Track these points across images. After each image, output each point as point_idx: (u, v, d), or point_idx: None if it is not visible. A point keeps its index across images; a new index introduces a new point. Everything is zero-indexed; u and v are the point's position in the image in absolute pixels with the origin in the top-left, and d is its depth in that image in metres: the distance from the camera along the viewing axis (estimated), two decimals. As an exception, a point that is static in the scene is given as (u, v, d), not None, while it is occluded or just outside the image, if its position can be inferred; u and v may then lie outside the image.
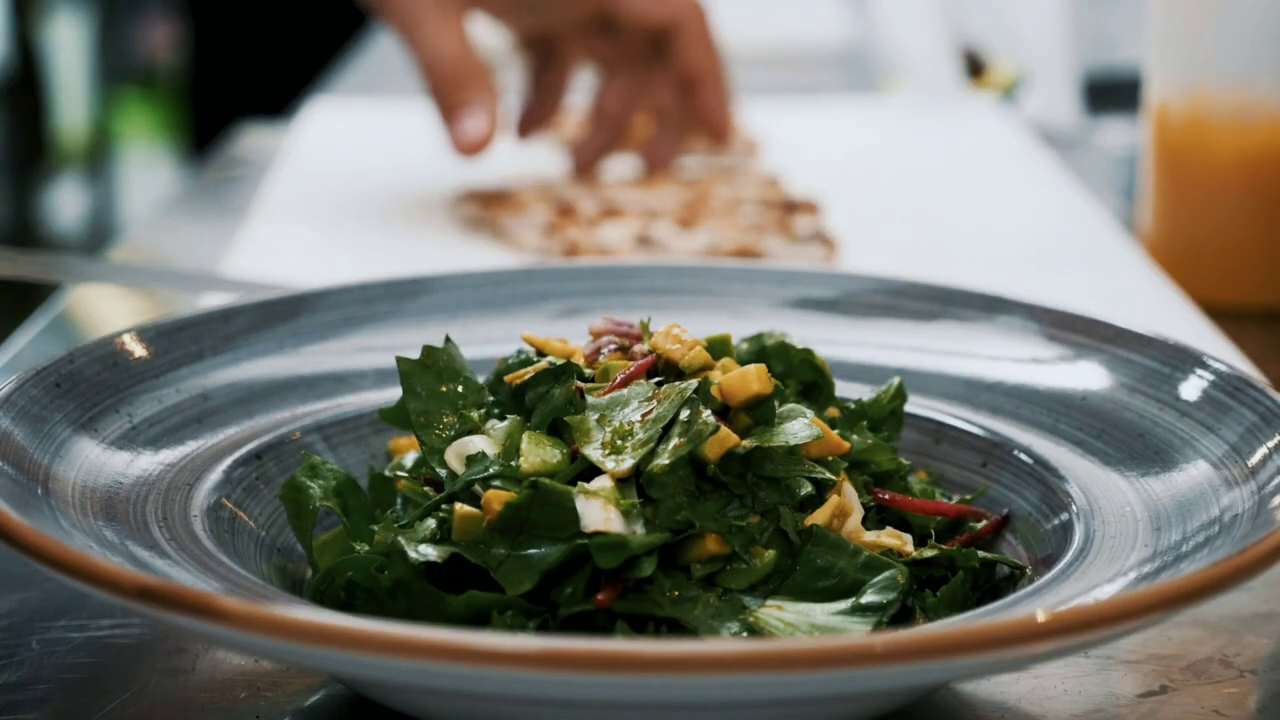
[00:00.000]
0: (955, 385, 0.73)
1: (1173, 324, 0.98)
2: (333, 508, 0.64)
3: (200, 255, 1.20)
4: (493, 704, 0.51)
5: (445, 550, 0.59)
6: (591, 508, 0.58)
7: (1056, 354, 0.72)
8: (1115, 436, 0.67)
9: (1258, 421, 0.63)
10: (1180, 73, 1.08)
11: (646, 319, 0.68)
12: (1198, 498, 0.61)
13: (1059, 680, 0.62)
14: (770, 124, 1.49)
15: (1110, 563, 0.59)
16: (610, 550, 0.57)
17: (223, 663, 0.62)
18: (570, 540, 0.58)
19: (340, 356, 0.74)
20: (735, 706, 0.51)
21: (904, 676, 0.49)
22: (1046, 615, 0.49)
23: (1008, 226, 1.22)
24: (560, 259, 1.06)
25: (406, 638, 0.46)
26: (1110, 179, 1.44)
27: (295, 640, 0.48)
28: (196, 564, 0.57)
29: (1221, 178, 1.07)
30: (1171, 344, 0.69)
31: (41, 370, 0.64)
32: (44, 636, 0.65)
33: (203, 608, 0.49)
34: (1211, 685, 0.62)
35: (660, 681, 0.47)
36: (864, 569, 0.59)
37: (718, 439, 0.60)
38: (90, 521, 0.58)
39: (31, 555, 0.52)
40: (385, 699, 0.56)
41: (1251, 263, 1.08)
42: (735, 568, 0.59)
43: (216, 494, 0.64)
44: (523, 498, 0.59)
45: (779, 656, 0.47)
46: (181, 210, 1.42)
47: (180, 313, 0.72)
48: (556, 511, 0.58)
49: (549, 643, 0.47)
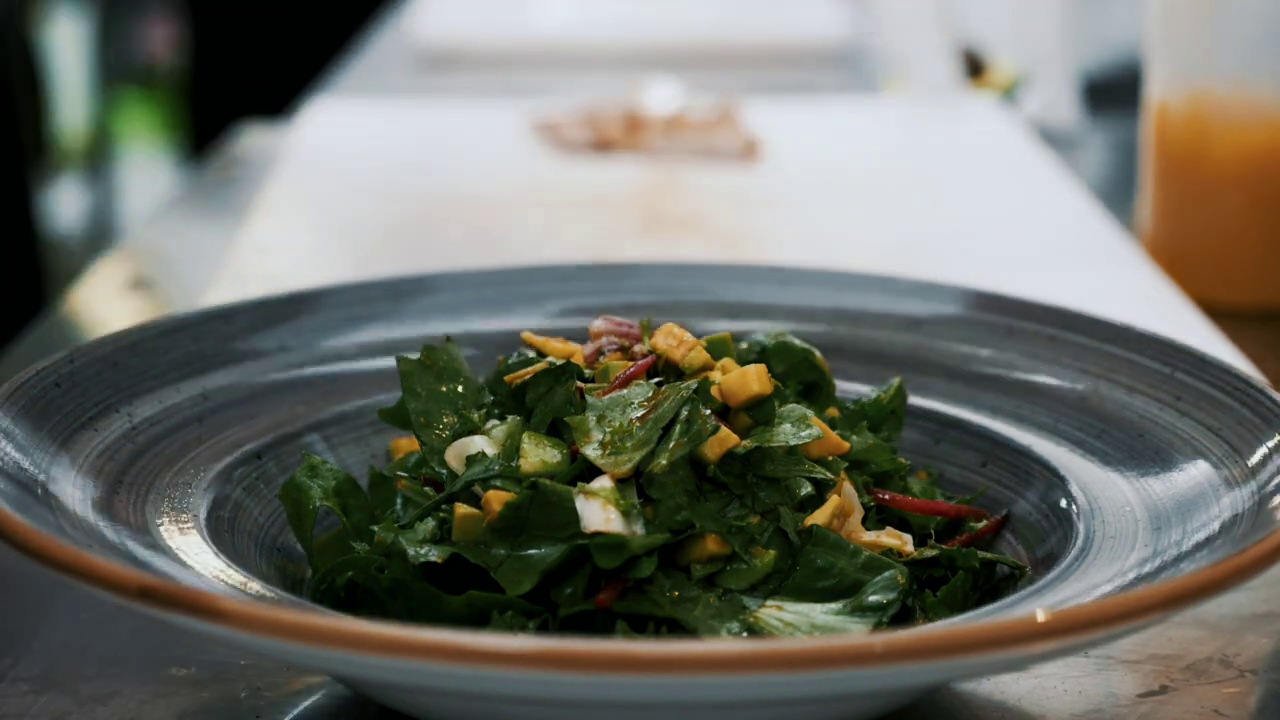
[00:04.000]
0: (955, 385, 0.73)
1: (1173, 324, 0.98)
2: (332, 508, 0.64)
3: (200, 255, 1.20)
4: (493, 704, 0.51)
5: (445, 550, 0.59)
6: (591, 508, 0.58)
7: (1056, 354, 0.72)
8: (1115, 436, 0.67)
9: (1258, 421, 0.63)
10: (1180, 73, 1.08)
11: (646, 319, 0.68)
12: (1198, 498, 0.61)
13: (1059, 680, 0.62)
14: (770, 124, 1.49)
15: (1110, 563, 0.59)
16: (610, 550, 0.57)
17: (223, 663, 0.62)
18: (570, 540, 0.58)
19: (340, 356, 0.74)
20: (735, 706, 0.51)
21: (904, 676, 0.49)
22: (1046, 615, 0.49)
23: (1007, 226, 1.22)
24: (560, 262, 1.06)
25: (406, 638, 0.46)
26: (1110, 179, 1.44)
27: (295, 640, 0.48)
28: (196, 564, 0.57)
29: (1221, 178, 1.07)
30: (1171, 344, 0.69)
31: (41, 370, 0.64)
32: (44, 636, 0.65)
33: (203, 608, 0.49)
34: (1211, 685, 0.62)
35: (660, 681, 0.47)
36: (864, 569, 0.59)
37: (718, 439, 0.60)
38: (90, 521, 0.58)
39: (31, 555, 0.52)
40: (385, 699, 0.56)
41: (1251, 262, 1.08)
42: (735, 568, 0.59)
43: (216, 494, 0.64)
44: (522, 498, 0.59)
45: (779, 656, 0.47)
46: (181, 210, 1.42)
47: (180, 312, 0.72)
48: (557, 512, 0.58)
49: (549, 643, 0.47)
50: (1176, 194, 1.10)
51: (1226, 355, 0.93)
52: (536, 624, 0.58)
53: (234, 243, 1.18)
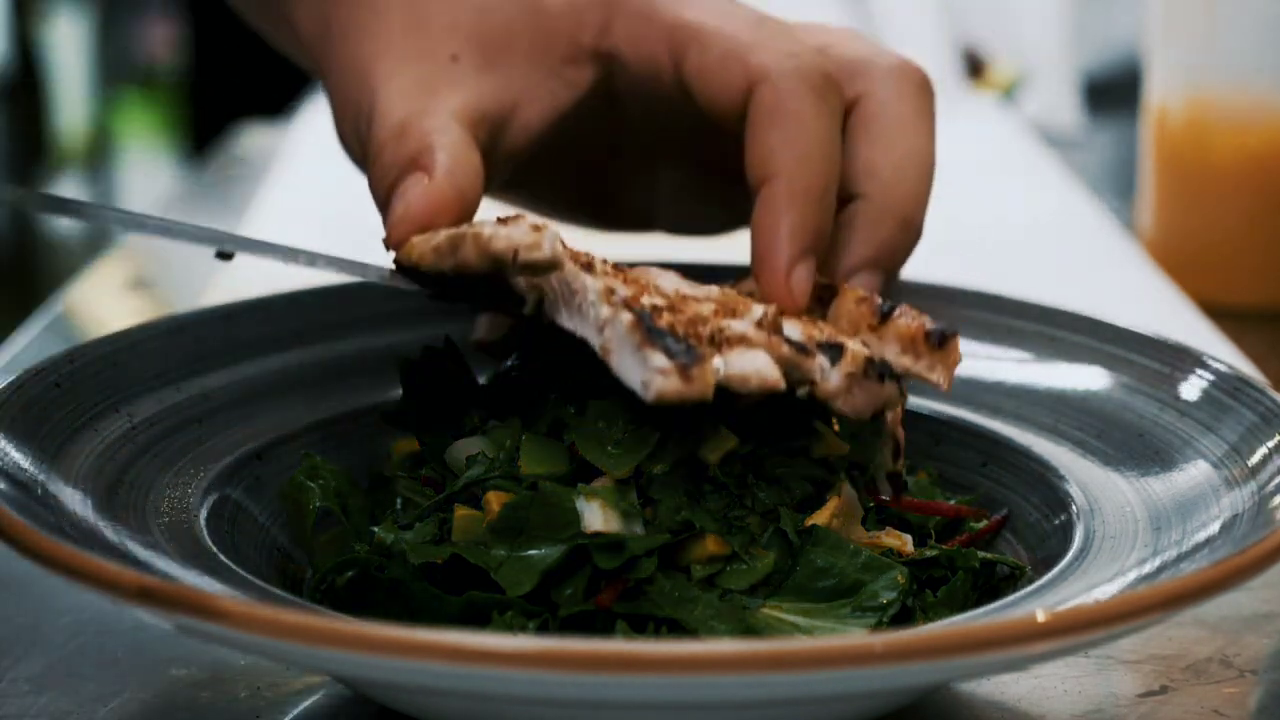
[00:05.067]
0: (956, 385, 0.73)
1: (1173, 324, 0.98)
2: (332, 508, 0.64)
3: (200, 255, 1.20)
4: (493, 704, 0.51)
5: (445, 551, 0.59)
6: (591, 509, 0.58)
7: (1056, 354, 0.72)
8: (1115, 436, 0.67)
9: (1258, 421, 0.63)
10: (1180, 73, 1.08)
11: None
12: (1198, 498, 0.61)
13: (1059, 680, 0.62)
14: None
15: (1110, 563, 0.59)
16: (610, 551, 0.57)
17: (223, 663, 0.62)
18: (570, 541, 0.58)
19: (340, 356, 0.74)
20: (735, 706, 0.51)
21: (904, 676, 0.49)
22: (1046, 615, 0.49)
23: (1007, 226, 1.22)
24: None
25: (406, 638, 0.46)
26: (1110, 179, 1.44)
27: (295, 640, 0.48)
28: (196, 564, 0.57)
29: (1221, 178, 1.07)
30: (1171, 344, 0.69)
31: (41, 370, 0.64)
32: (44, 637, 0.65)
33: (203, 608, 0.49)
34: (1211, 685, 0.62)
35: (660, 681, 0.47)
36: (864, 569, 0.59)
37: (717, 440, 0.60)
38: (90, 521, 0.58)
39: (31, 555, 0.52)
40: (385, 699, 0.56)
41: (1251, 263, 1.08)
42: (735, 568, 0.59)
43: (216, 494, 0.64)
44: (522, 498, 0.59)
45: (779, 656, 0.47)
46: (181, 210, 1.42)
47: (180, 312, 0.72)
48: (557, 512, 0.58)
49: (549, 643, 0.46)
50: (1176, 194, 1.10)
51: (1227, 356, 0.93)
52: (536, 624, 0.58)
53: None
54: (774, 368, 0.57)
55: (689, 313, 0.59)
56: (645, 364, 0.54)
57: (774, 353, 0.58)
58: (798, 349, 0.59)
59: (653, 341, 0.54)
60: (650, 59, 0.69)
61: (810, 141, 0.65)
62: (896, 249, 0.68)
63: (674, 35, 0.68)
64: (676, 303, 0.60)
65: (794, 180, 0.65)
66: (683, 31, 0.68)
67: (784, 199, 0.65)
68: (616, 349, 0.55)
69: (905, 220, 0.68)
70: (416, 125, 0.66)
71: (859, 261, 0.68)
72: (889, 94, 0.69)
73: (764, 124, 0.66)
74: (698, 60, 0.67)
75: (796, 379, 0.58)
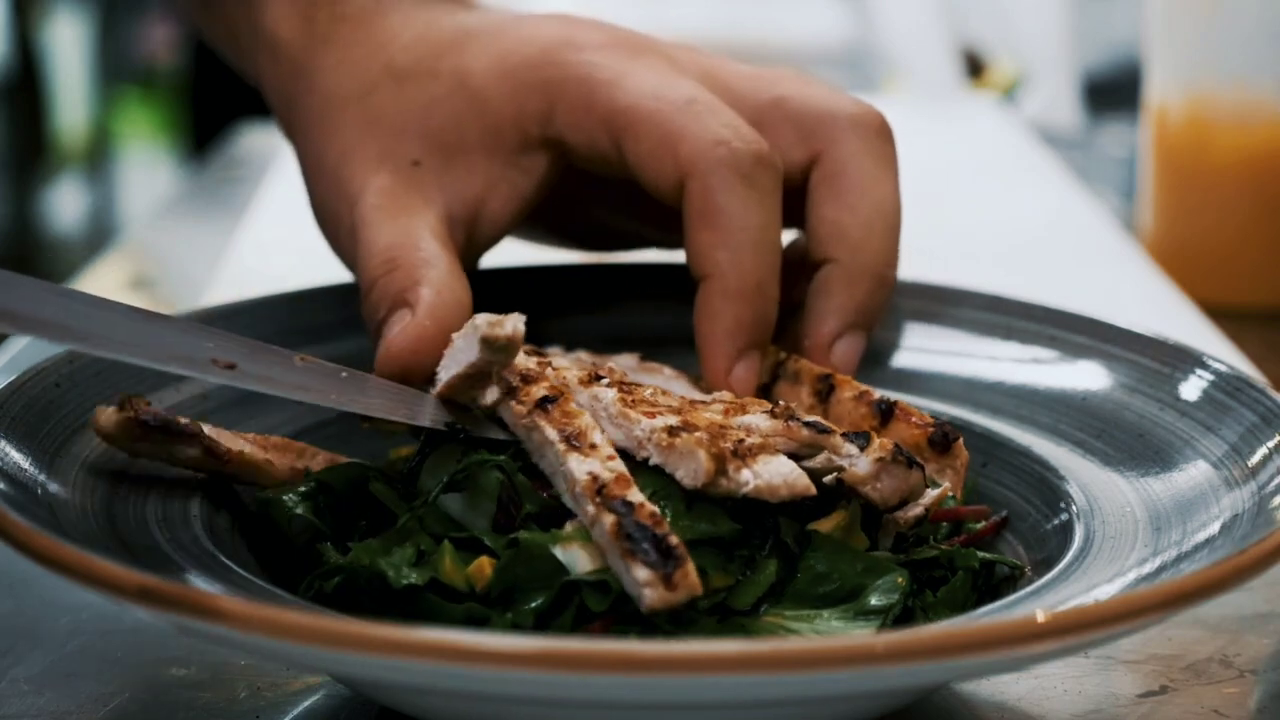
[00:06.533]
0: (955, 385, 0.73)
1: (1173, 324, 0.98)
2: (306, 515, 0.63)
3: (200, 255, 1.21)
4: (493, 704, 0.51)
5: (425, 574, 0.58)
6: (572, 554, 0.57)
7: (1056, 354, 0.72)
8: (1115, 436, 0.67)
9: (1258, 421, 0.63)
10: (1180, 73, 1.08)
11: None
12: (1198, 498, 0.61)
13: (1059, 680, 0.62)
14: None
15: (1110, 563, 0.59)
16: (599, 591, 0.56)
17: (223, 663, 0.62)
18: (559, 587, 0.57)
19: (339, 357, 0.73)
20: (735, 706, 0.51)
21: (904, 676, 0.49)
22: (1046, 615, 0.49)
23: (1007, 226, 1.23)
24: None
25: (406, 638, 0.46)
26: (1110, 179, 1.44)
27: (295, 640, 0.48)
28: (196, 564, 0.57)
29: (1221, 178, 1.07)
30: (1171, 344, 0.69)
31: (41, 370, 0.64)
32: (44, 637, 0.65)
33: (203, 608, 0.49)
34: (1211, 685, 0.62)
35: (660, 681, 0.47)
36: (865, 573, 0.59)
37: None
38: (90, 521, 0.58)
39: (31, 555, 0.52)
40: (385, 699, 0.56)
41: (1251, 263, 1.08)
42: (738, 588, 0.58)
43: (216, 494, 0.64)
44: (506, 558, 0.58)
45: (779, 656, 0.47)
46: (181, 210, 1.42)
47: (180, 313, 0.72)
48: (542, 562, 0.57)
49: (549, 643, 0.46)
50: (1177, 194, 1.10)
51: (1227, 356, 0.93)
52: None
53: (234, 243, 1.18)
54: (802, 475, 0.58)
55: (703, 423, 0.60)
56: (631, 576, 0.54)
57: (794, 438, 0.60)
58: (816, 430, 0.60)
59: (633, 553, 0.54)
60: (593, 145, 0.70)
61: (740, 239, 0.66)
62: (874, 307, 0.70)
63: (611, 123, 0.69)
64: (686, 412, 0.61)
65: (727, 280, 0.66)
66: (620, 119, 0.68)
67: (718, 299, 0.67)
68: (607, 549, 0.56)
69: (878, 278, 0.70)
70: (405, 260, 0.68)
71: (840, 327, 0.69)
72: (850, 148, 0.70)
73: (696, 223, 0.67)
74: (633, 149, 0.68)
75: (825, 468, 0.59)
